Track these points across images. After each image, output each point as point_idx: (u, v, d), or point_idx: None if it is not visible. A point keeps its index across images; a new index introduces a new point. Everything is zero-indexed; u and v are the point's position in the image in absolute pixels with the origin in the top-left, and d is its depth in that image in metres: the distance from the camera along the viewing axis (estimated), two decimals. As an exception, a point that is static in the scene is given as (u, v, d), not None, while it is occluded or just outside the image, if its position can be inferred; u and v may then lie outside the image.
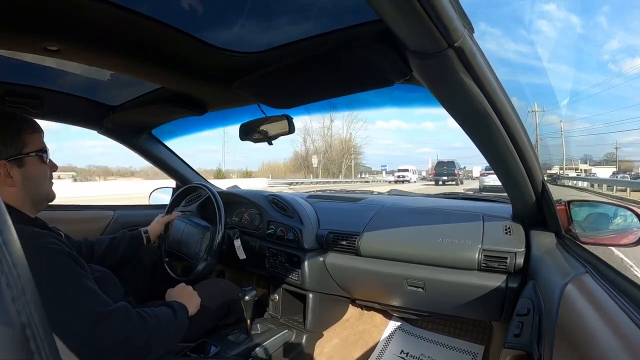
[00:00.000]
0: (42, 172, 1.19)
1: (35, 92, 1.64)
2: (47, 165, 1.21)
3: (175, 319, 1.26)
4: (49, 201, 1.25)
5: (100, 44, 1.16)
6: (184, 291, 1.49)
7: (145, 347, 1.11)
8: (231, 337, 1.72)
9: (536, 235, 1.38)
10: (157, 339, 1.16)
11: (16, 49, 1.21)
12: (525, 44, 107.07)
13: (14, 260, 0.27)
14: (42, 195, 1.21)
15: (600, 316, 0.68)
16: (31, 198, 1.16)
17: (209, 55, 1.23)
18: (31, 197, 1.16)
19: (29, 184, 1.14)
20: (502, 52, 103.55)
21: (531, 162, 1.14)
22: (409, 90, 1.31)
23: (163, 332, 1.19)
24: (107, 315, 1.04)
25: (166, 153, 2.37)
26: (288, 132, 1.50)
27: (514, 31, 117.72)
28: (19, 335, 0.25)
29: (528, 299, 1.05)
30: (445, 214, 1.74)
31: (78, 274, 1.08)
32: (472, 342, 2.02)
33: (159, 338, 1.17)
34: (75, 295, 1.03)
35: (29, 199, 1.15)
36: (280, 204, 2.06)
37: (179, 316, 1.29)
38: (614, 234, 1.34)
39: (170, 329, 1.23)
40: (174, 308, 1.30)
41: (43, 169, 1.19)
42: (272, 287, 2.10)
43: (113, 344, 1.04)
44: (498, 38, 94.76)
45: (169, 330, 1.23)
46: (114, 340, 1.04)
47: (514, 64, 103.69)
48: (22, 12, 0.96)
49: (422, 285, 1.56)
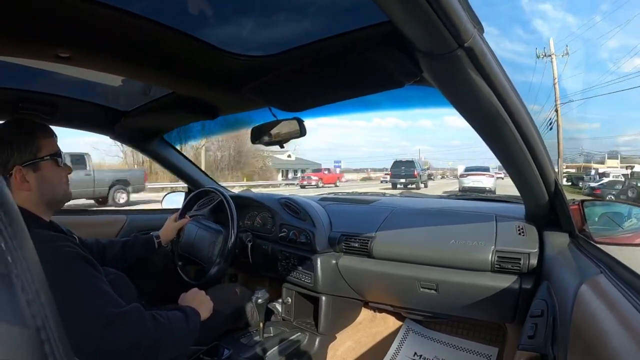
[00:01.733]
0: (58, 175, 1.21)
1: (48, 99, 1.66)
2: (62, 169, 1.23)
3: (188, 324, 1.27)
4: (65, 202, 1.28)
5: (111, 51, 1.17)
6: (197, 296, 1.50)
7: (156, 349, 1.12)
8: (244, 340, 1.72)
9: (549, 235, 1.37)
10: (168, 342, 1.17)
11: (28, 57, 1.22)
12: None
13: (29, 264, 0.27)
14: (59, 198, 1.23)
15: (615, 317, 0.68)
16: (47, 201, 1.18)
17: (219, 59, 1.24)
18: (47, 201, 1.18)
19: (45, 188, 1.17)
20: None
21: (544, 162, 1.13)
22: (421, 91, 1.30)
23: (174, 335, 1.20)
24: (119, 315, 1.05)
25: (178, 157, 2.38)
26: (300, 134, 1.50)
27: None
28: (34, 338, 0.26)
29: (542, 300, 1.04)
30: (457, 215, 1.73)
31: (92, 276, 1.09)
32: (486, 344, 2.00)
33: (170, 340, 1.18)
34: (90, 298, 1.05)
35: (44, 203, 1.17)
36: (293, 206, 2.06)
37: (191, 321, 1.30)
38: (629, 234, 1.32)
39: (181, 332, 1.24)
40: (187, 313, 1.31)
41: (58, 172, 1.21)
42: (285, 290, 2.10)
43: (126, 345, 1.05)
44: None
45: (181, 334, 1.23)
46: (127, 341, 1.05)
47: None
48: (33, 20, 0.97)
49: (435, 287, 1.55)
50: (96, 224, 2.18)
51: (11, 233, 0.27)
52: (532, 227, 1.46)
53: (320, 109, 1.50)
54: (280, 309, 2.12)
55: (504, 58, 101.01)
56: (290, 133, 1.52)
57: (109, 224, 2.20)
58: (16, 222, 0.28)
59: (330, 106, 1.45)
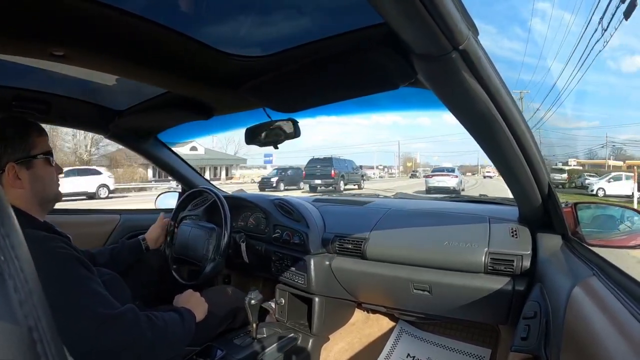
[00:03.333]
0: (50, 174, 1.21)
1: (42, 97, 1.65)
2: (54, 168, 1.23)
3: (183, 325, 1.28)
4: (56, 202, 1.27)
5: (106, 49, 1.17)
6: (192, 297, 1.50)
7: (151, 350, 1.13)
8: (237, 340, 1.72)
9: (543, 237, 1.38)
10: (164, 343, 1.18)
11: (22, 55, 1.21)
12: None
13: (22, 264, 0.27)
14: (51, 196, 1.23)
15: (607, 319, 0.68)
16: (39, 200, 1.18)
17: (215, 59, 1.24)
18: (39, 200, 1.18)
19: (38, 186, 1.16)
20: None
21: (537, 164, 1.13)
22: (418, 93, 1.30)
23: (170, 337, 1.21)
24: (114, 317, 1.06)
25: (172, 157, 2.37)
26: (294, 135, 1.50)
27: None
28: (26, 339, 0.26)
29: (535, 301, 1.05)
30: (451, 217, 1.74)
31: (86, 277, 1.09)
32: (479, 345, 2.01)
33: (165, 342, 1.18)
34: (83, 298, 1.05)
35: (36, 202, 1.17)
36: (286, 207, 2.06)
37: (187, 322, 1.31)
38: (621, 236, 1.33)
39: (176, 333, 1.24)
40: (182, 314, 1.32)
41: (50, 170, 1.21)
42: (278, 291, 2.09)
43: (121, 346, 1.06)
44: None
45: (176, 335, 1.24)
46: (122, 342, 1.06)
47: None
48: (28, 17, 0.97)
49: (428, 289, 1.56)
50: (90, 224, 2.17)
51: (4, 232, 0.27)
52: (525, 229, 1.47)
53: (314, 110, 1.50)
54: (273, 309, 2.12)
55: (505, 57, 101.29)
56: (285, 133, 1.52)
57: (102, 224, 2.19)
58: (9, 221, 0.28)
59: (325, 106, 1.45)
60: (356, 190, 21.94)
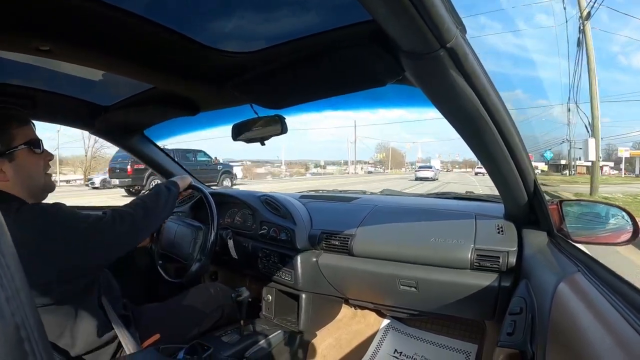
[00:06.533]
0: (35, 163, 1.19)
1: (27, 93, 1.62)
2: (40, 156, 1.21)
3: (169, 193, 1.46)
4: (48, 192, 1.26)
5: (92, 44, 1.15)
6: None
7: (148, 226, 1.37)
8: (225, 337, 1.71)
9: (528, 234, 1.39)
10: (157, 216, 1.40)
11: (7, 49, 1.20)
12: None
13: (7, 260, 0.26)
14: (39, 186, 1.22)
15: (592, 314, 0.69)
16: (27, 190, 1.17)
17: (202, 55, 1.23)
18: (27, 190, 1.17)
19: (22, 177, 1.15)
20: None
21: (523, 162, 1.14)
22: (401, 90, 1.30)
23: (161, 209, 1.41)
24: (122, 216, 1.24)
25: (158, 153, 2.35)
26: (281, 132, 1.50)
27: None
28: (13, 336, 0.25)
29: (521, 297, 1.06)
30: (438, 214, 1.74)
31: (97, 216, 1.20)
32: (466, 341, 2.03)
33: (159, 214, 1.40)
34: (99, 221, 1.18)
35: (25, 192, 1.16)
36: (273, 204, 2.06)
37: (172, 190, 1.49)
38: (605, 233, 1.35)
39: (167, 205, 1.44)
40: (167, 186, 1.50)
41: (35, 160, 1.19)
42: (266, 287, 2.10)
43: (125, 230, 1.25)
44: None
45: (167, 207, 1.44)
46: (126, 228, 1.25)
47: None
48: (13, 12, 0.95)
49: (415, 285, 1.56)
50: None
51: None
52: (512, 226, 1.48)
53: (301, 106, 1.50)
54: (261, 306, 2.11)
55: (508, 52, 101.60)
56: (272, 130, 1.52)
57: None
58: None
59: (312, 103, 1.44)
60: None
